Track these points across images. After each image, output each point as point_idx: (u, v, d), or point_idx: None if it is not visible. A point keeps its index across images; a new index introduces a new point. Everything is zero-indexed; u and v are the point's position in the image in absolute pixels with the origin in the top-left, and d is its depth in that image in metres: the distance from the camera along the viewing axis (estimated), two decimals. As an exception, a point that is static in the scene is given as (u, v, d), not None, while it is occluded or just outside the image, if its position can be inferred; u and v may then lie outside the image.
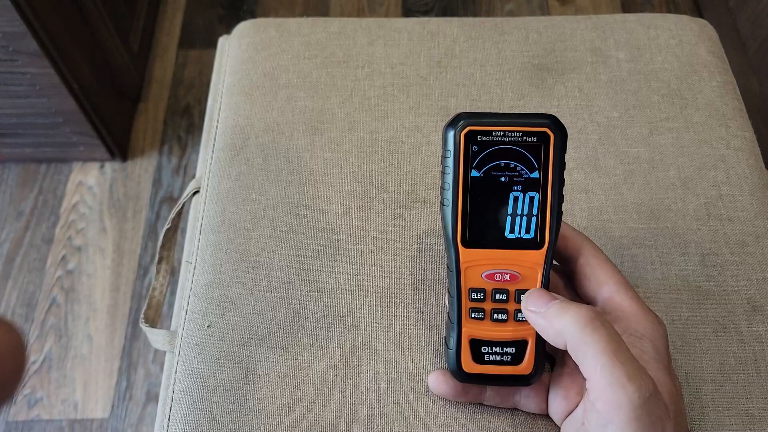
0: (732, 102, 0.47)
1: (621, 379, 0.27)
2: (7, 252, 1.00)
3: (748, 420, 0.36)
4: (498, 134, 0.31)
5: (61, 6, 0.87)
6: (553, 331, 0.29)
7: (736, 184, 0.43)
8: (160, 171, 1.08)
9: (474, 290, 0.32)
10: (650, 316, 0.32)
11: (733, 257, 0.40)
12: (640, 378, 0.27)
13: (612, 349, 0.27)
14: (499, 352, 0.33)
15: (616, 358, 0.27)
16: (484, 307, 0.32)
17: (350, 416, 0.36)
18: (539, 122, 0.31)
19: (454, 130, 0.31)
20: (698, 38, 0.50)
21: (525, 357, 0.33)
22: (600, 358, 0.27)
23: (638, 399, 0.26)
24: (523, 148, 0.31)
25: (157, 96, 1.15)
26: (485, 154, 0.31)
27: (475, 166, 0.31)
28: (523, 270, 0.32)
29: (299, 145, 0.45)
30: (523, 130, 0.31)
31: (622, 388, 0.27)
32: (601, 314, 0.29)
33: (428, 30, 0.51)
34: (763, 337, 0.38)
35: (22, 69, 0.85)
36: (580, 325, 0.28)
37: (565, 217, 0.42)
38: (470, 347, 0.33)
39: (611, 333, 0.28)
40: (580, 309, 0.29)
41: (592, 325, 0.28)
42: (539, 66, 0.49)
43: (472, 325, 0.33)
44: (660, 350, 0.31)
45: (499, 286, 0.32)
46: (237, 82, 0.49)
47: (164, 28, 1.23)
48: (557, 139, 0.31)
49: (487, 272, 0.32)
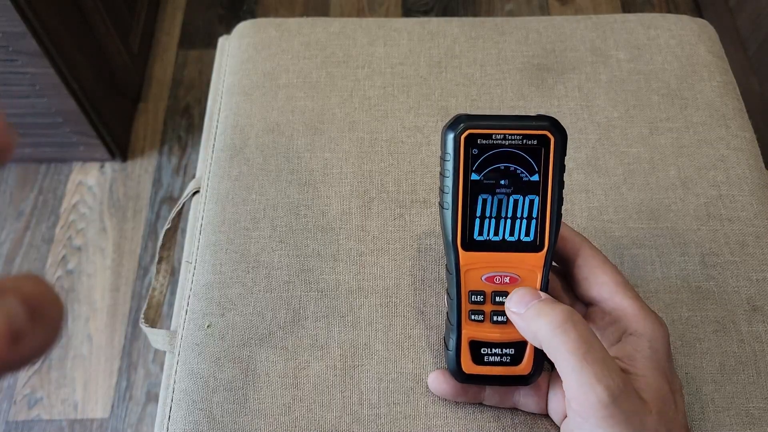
0: (732, 102, 0.47)
1: (590, 380, 0.27)
2: (7, 252, 1.00)
3: (748, 420, 0.36)
4: (498, 137, 0.31)
5: (61, 6, 0.87)
6: (530, 332, 0.30)
7: (736, 184, 0.43)
8: (160, 171, 1.08)
9: (474, 293, 0.32)
10: (650, 316, 0.32)
11: (733, 257, 0.40)
12: (608, 377, 0.28)
13: (582, 350, 0.28)
14: (498, 354, 0.33)
15: (584, 360, 0.28)
16: (484, 309, 0.32)
17: (350, 416, 0.36)
18: (539, 125, 0.30)
19: (453, 133, 0.31)
20: (698, 38, 0.50)
21: (524, 357, 0.33)
22: (570, 359, 0.28)
23: (607, 398, 0.27)
24: (523, 151, 0.31)
25: (157, 96, 1.15)
26: (485, 158, 0.31)
27: (475, 170, 0.31)
28: (523, 272, 0.32)
29: (299, 145, 0.45)
30: (524, 133, 0.30)
31: (591, 389, 0.27)
32: (575, 315, 0.29)
33: (428, 30, 0.51)
34: (763, 337, 0.38)
35: (22, 69, 0.85)
36: (552, 326, 0.28)
37: (565, 217, 0.42)
38: (470, 349, 0.33)
39: (582, 334, 0.28)
40: (554, 310, 0.29)
41: (563, 327, 0.28)
42: (539, 66, 0.49)
43: (472, 327, 0.33)
44: (658, 350, 0.31)
45: (499, 289, 0.32)
46: (237, 82, 0.49)
47: (164, 28, 1.23)
48: (557, 142, 0.30)
49: (487, 275, 0.32)
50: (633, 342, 0.31)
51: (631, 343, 0.31)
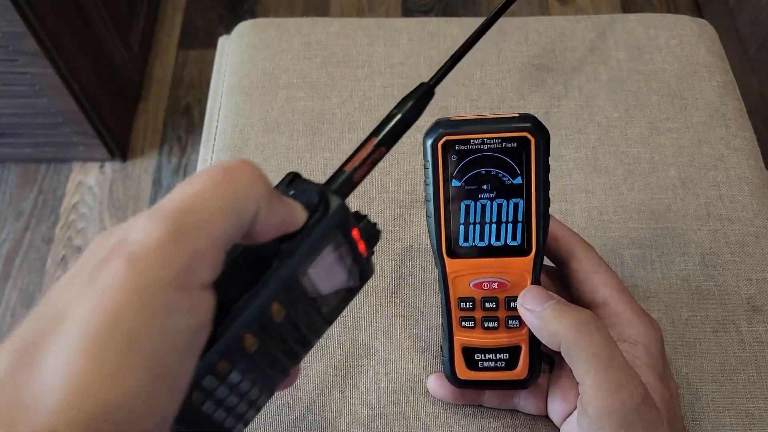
0: (732, 102, 0.47)
1: (612, 386, 0.27)
2: (7, 252, 1.00)
3: (748, 420, 0.36)
4: (476, 142, 0.30)
5: (61, 6, 0.87)
6: (548, 333, 0.29)
7: (736, 184, 0.43)
8: (160, 171, 1.08)
9: (463, 299, 0.32)
10: (645, 322, 0.31)
11: (733, 257, 0.40)
12: (632, 384, 0.27)
13: (606, 354, 0.27)
14: (492, 359, 0.32)
15: (609, 364, 0.27)
16: (474, 315, 0.32)
17: (350, 416, 0.36)
18: (518, 126, 0.29)
19: (431, 140, 0.30)
20: (698, 38, 0.50)
21: (519, 362, 0.32)
22: (593, 363, 0.27)
23: (630, 405, 0.27)
24: (503, 154, 0.30)
25: (157, 96, 1.15)
26: (465, 163, 0.30)
27: (455, 176, 0.30)
28: (512, 277, 0.31)
29: (299, 145, 0.45)
30: (502, 136, 0.29)
31: (614, 395, 0.27)
32: (596, 318, 0.29)
33: (428, 30, 0.51)
34: (763, 338, 0.38)
35: (21, 69, 0.85)
36: (574, 329, 0.28)
37: (565, 217, 0.42)
38: (463, 355, 0.33)
39: (606, 338, 0.28)
40: (577, 312, 0.29)
41: (587, 329, 0.28)
42: (539, 66, 0.48)
43: (464, 334, 0.32)
44: (653, 355, 0.30)
45: (488, 294, 0.32)
46: (237, 82, 0.49)
47: (164, 27, 1.23)
48: (538, 143, 0.29)
49: (474, 281, 0.32)
50: (630, 349, 0.30)
51: (628, 350, 0.30)
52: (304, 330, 0.23)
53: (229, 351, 0.21)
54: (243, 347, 0.21)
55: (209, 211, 0.18)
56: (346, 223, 0.23)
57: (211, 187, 0.18)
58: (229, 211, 0.18)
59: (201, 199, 0.18)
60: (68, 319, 0.16)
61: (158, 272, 0.17)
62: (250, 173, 0.19)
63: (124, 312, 0.16)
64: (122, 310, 0.16)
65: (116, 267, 0.17)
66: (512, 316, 0.32)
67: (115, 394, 0.16)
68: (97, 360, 0.16)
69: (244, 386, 0.22)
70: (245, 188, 0.19)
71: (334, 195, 0.23)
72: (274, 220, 0.20)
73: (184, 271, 0.17)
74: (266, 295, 0.21)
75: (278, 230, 0.21)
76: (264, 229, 0.20)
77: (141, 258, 0.17)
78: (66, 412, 0.15)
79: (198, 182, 0.19)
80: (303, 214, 0.22)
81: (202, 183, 0.18)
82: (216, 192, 0.18)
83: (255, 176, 0.20)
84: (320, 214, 0.22)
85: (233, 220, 0.18)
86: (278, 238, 0.21)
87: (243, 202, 0.19)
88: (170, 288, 0.17)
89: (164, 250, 0.17)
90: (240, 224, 0.19)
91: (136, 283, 0.16)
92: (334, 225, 0.22)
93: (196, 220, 0.18)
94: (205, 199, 0.18)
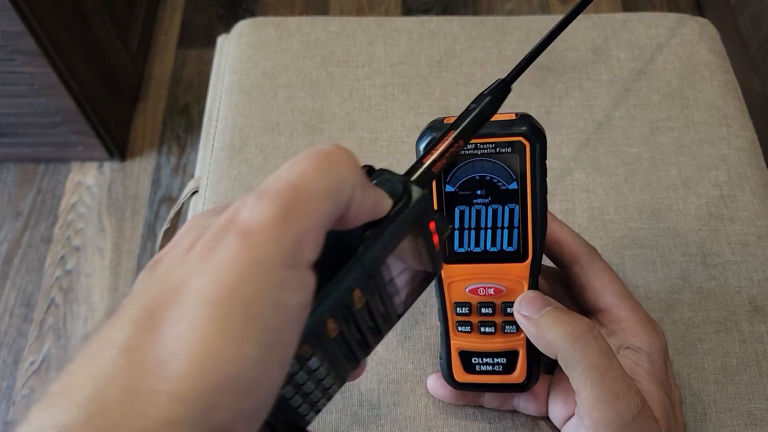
0: (733, 101, 0.47)
1: (609, 397, 0.27)
2: (5, 252, 1.00)
3: (750, 421, 0.36)
4: (469, 147, 0.29)
5: (60, 5, 0.87)
6: (544, 341, 0.29)
7: (737, 183, 0.43)
8: (159, 171, 1.07)
9: (459, 304, 0.32)
10: (648, 329, 0.31)
11: (735, 257, 0.40)
12: (629, 395, 0.27)
13: (604, 365, 0.27)
14: (490, 363, 0.32)
15: (606, 375, 0.27)
16: (471, 320, 0.32)
17: (350, 417, 0.36)
18: (513, 131, 0.28)
19: (423, 144, 0.29)
20: (699, 37, 0.50)
21: (517, 366, 0.32)
22: (590, 374, 0.27)
23: (626, 417, 0.26)
24: (498, 159, 0.29)
25: (156, 95, 1.15)
26: (459, 168, 0.29)
27: (449, 181, 0.29)
28: (508, 283, 0.31)
29: (299, 145, 0.45)
30: (496, 140, 0.28)
31: (611, 406, 0.27)
32: (594, 327, 0.28)
33: (428, 29, 0.51)
34: (765, 338, 0.38)
35: (20, 68, 0.85)
36: (571, 338, 0.27)
37: (566, 217, 0.42)
38: (460, 359, 0.32)
39: (603, 349, 0.28)
40: (573, 321, 0.28)
41: (584, 339, 0.27)
42: (539, 65, 0.48)
43: (460, 338, 0.32)
44: (656, 363, 0.30)
45: (484, 300, 0.31)
46: (236, 81, 0.49)
47: (163, 27, 1.23)
48: (534, 147, 0.28)
49: (470, 286, 0.31)
50: (633, 356, 0.30)
51: (630, 357, 0.30)
52: (378, 319, 0.23)
53: (313, 334, 0.21)
54: (325, 332, 0.21)
55: (314, 192, 0.18)
56: (426, 214, 0.23)
57: (314, 169, 0.19)
58: (331, 193, 0.19)
59: (306, 180, 0.18)
60: (188, 289, 0.17)
61: (271, 249, 0.17)
62: (346, 158, 0.20)
63: (242, 285, 0.17)
64: (240, 282, 0.17)
65: (233, 242, 0.17)
66: (509, 322, 0.31)
67: (236, 363, 0.16)
68: (220, 327, 0.16)
69: (320, 372, 0.22)
70: (343, 172, 0.19)
71: (416, 186, 0.23)
72: (366, 205, 0.20)
73: (294, 249, 0.18)
74: (351, 281, 0.21)
75: (368, 215, 0.21)
76: (356, 213, 0.20)
77: (255, 235, 0.17)
78: (191, 378, 0.16)
79: (301, 164, 0.19)
80: (389, 202, 0.22)
81: (305, 165, 0.19)
82: (319, 174, 0.19)
83: (351, 161, 0.20)
84: (403, 203, 0.22)
85: (335, 202, 0.19)
86: (363, 225, 0.21)
87: (342, 185, 0.19)
88: (281, 265, 0.17)
89: (276, 229, 0.17)
90: (339, 206, 0.19)
91: (252, 259, 0.17)
92: (417, 214, 0.23)
93: (303, 199, 0.18)
94: (311, 180, 0.18)
